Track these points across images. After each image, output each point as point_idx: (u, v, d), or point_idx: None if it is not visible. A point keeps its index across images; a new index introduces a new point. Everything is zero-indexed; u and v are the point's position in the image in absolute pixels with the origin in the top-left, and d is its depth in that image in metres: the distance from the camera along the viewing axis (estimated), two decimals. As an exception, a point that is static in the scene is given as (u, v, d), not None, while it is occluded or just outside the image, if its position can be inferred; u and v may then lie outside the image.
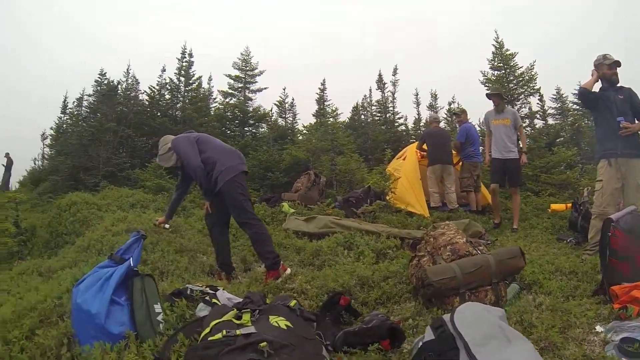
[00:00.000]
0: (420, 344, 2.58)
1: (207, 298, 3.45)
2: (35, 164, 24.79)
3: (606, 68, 5.82)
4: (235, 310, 2.96)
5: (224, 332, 2.53)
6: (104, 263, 3.38)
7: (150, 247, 5.50)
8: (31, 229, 9.61)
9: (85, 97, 21.62)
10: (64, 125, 23.06)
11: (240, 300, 3.35)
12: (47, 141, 25.10)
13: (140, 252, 3.46)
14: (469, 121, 10.84)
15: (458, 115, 10.76)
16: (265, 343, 2.35)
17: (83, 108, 21.79)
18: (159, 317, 3.15)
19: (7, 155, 20.92)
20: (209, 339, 2.52)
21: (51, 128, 24.43)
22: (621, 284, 3.46)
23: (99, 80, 18.86)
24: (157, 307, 3.20)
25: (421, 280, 3.74)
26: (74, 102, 23.38)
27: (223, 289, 3.77)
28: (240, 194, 4.92)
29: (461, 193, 9.84)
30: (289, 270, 4.92)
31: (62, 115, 23.96)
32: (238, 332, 2.51)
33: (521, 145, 8.18)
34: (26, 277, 5.79)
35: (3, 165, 20.93)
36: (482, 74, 17.41)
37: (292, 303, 3.15)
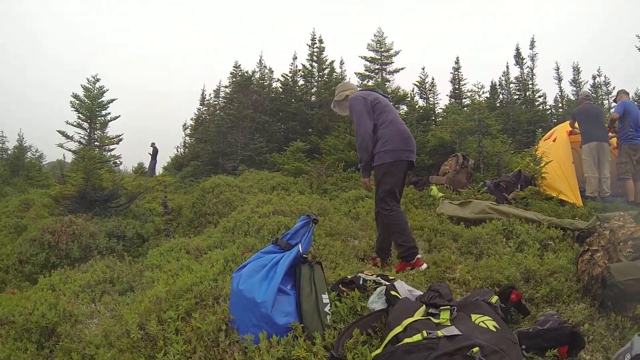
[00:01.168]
0: (628, 356, 2.27)
1: (384, 290, 3.00)
2: (177, 151, 26.86)
3: None
4: (423, 305, 2.55)
5: (424, 332, 2.14)
6: (268, 248, 3.19)
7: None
8: (177, 209, 9.99)
9: (222, 89, 22.82)
10: (203, 115, 24.56)
11: (423, 293, 2.93)
12: (188, 131, 26.89)
13: (310, 238, 3.22)
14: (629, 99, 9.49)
15: (616, 95, 9.47)
16: (477, 348, 1.96)
17: (220, 99, 23.16)
18: (327, 308, 2.87)
19: (152, 144, 22.51)
20: (406, 340, 2.14)
21: (191, 119, 26.40)
22: None
23: (234, 72, 19.89)
24: (325, 297, 2.91)
25: (602, 279, 3.20)
26: (210, 94, 25.04)
27: (398, 279, 3.30)
28: (385, 184, 4.47)
29: (617, 181, 8.58)
30: (424, 266, 4.45)
31: (201, 107, 25.62)
32: (440, 333, 2.12)
33: None
34: (174, 254, 5.86)
35: (149, 153, 22.45)
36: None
37: (494, 299, 2.72)
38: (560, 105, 21.85)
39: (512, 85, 21.33)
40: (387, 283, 3.11)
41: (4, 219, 10.70)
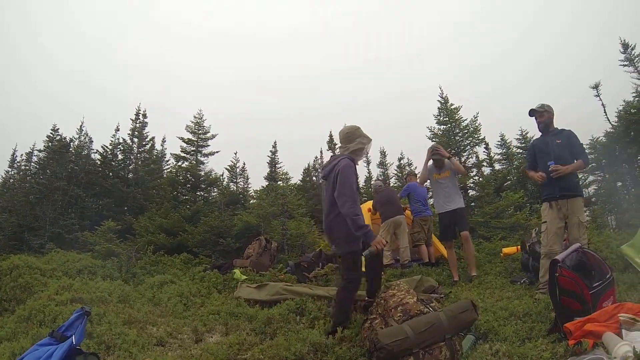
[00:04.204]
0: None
1: None
2: None
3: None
4: None
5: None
6: (44, 341, 3.26)
7: (96, 319, 5.33)
8: (-33, 292, 9.11)
9: (36, 152, 21.12)
10: (11, 180, 22.33)
11: None
12: (-9, 195, 24.07)
13: (83, 330, 3.34)
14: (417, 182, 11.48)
15: (406, 176, 12.01)
16: None
17: (32, 164, 21.31)
18: None
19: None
20: None
21: None
22: (574, 319, 3.53)
23: (51, 135, 18.64)
24: None
25: (373, 343, 3.75)
26: (22, 156, 22.94)
27: None
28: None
29: (413, 248, 10.10)
30: None
31: (10, 169, 23.25)
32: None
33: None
34: None
35: None
36: (429, 130, 18.40)
37: None
38: (368, 185, 23.95)
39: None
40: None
41: None
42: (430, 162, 8.36)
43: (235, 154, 19.21)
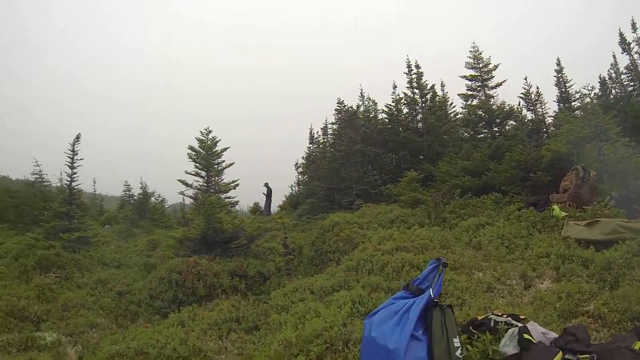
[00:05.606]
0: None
1: (516, 333, 3.00)
2: (292, 189, 27.80)
3: None
4: (560, 352, 2.55)
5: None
6: (399, 294, 3.28)
7: (424, 266, 5.38)
8: (298, 248, 10.41)
9: (329, 126, 23.56)
10: (314, 154, 25.26)
11: (558, 336, 2.88)
12: (300, 169, 27.70)
13: (441, 282, 3.28)
14: None
15: None
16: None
17: (328, 136, 23.91)
18: (458, 352, 2.90)
19: (266, 184, 23.30)
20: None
21: (302, 157, 27.14)
22: None
23: (339, 108, 20.42)
24: (456, 342, 2.95)
25: None
26: (318, 132, 26.35)
27: (530, 320, 3.28)
28: None
29: None
30: None
31: (311, 145, 26.41)
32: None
33: None
34: (299, 295, 6.20)
35: (264, 194, 23.34)
36: None
37: (637, 345, 2.58)
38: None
39: (623, 76, 19.03)
40: (519, 324, 3.09)
41: (135, 257, 12.18)
42: None
43: (526, 79, 17.09)
